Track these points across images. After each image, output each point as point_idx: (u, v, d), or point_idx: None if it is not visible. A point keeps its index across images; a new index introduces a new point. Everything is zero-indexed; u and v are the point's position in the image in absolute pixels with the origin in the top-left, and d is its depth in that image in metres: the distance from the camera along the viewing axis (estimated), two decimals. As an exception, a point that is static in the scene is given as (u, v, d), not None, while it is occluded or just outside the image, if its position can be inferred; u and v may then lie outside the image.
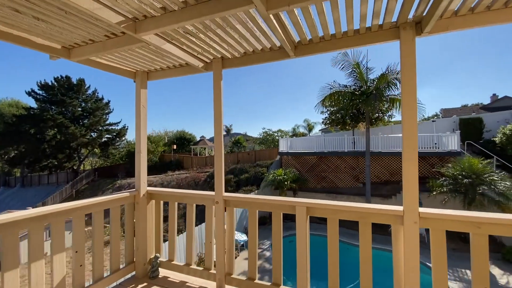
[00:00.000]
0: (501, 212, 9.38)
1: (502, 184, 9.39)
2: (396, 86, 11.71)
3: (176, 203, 2.65)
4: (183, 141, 33.39)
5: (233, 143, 29.83)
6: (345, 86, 13.26)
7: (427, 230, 11.31)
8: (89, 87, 32.24)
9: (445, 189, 10.46)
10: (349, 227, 12.79)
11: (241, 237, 10.23)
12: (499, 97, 28.27)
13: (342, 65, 12.60)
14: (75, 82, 31.27)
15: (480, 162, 10.11)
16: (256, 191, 14.08)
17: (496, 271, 8.22)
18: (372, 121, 15.38)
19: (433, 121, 16.40)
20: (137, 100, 2.67)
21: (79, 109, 31.17)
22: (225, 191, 2.42)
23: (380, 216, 1.93)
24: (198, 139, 32.52)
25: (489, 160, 10.45)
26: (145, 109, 2.70)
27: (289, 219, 14.18)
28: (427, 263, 9.08)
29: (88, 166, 36.02)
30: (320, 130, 34.33)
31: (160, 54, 2.27)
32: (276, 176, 13.50)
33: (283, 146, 16.85)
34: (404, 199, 1.82)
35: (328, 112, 18.19)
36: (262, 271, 8.91)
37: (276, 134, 27.16)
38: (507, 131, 12.54)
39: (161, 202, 2.73)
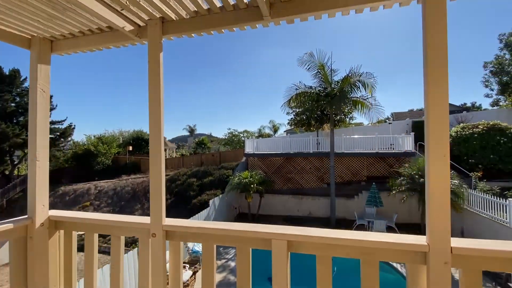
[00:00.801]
0: (454, 209, 10.05)
1: (452, 182, 10.07)
2: (359, 88, 11.95)
3: (96, 235, 1.79)
4: (140, 142, 30.79)
5: (197, 144, 28.44)
6: (311, 87, 13.21)
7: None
8: (25, 79, 27.81)
9: (403, 188, 10.91)
10: (307, 226, 12.64)
11: (203, 247, 9.33)
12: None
13: (308, 65, 12.49)
14: (7, 73, 26.69)
15: (433, 162, 10.74)
16: (221, 195, 13.24)
17: (449, 265, 8.67)
18: (335, 123, 15.68)
19: (389, 123, 17.42)
20: (32, 81, 1.76)
21: (13, 104, 26.68)
22: (187, 196, 1.65)
23: (393, 253, 1.35)
24: (158, 139, 30.32)
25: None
26: (45, 95, 1.80)
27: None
28: (390, 262, 9.32)
29: (25, 171, 31.09)
30: (285, 131, 34.75)
31: (63, 7, 1.44)
32: (242, 178, 12.84)
33: (249, 147, 16.28)
34: (430, 227, 1.27)
35: (294, 113, 18.18)
36: (227, 284, 8.13)
37: (242, 135, 26.55)
38: (453, 133, 13.73)
39: (74, 234, 1.84)
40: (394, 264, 8.79)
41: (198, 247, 9.14)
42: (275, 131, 34.05)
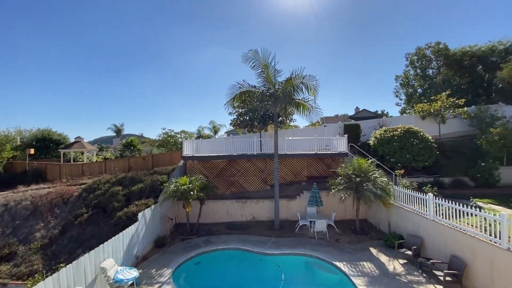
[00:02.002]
0: (383, 204, 10.97)
1: (381, 180, 11.00)
2: (302, 90, 12.02)
3: None
4: (48, 144, 24.93)
5: (125, 146, 24.69)
6: (255, 86, 12.68)
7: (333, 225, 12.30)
8: None
9: (341, 187, 11.40)
10: (252, 232, 12.20)
11: (128, 273, 7.48)
12: (360, 110, 35.89)
13: (253, 63, 11.92)
14: None
15: (366, 162, 11.59)
16: (154, 205, 11.34)
17: (383, 258, 9.29)
18: (279, 124, 15.63)
19: (324, 125, 18.57)
20: None
21: None
22: (110, 209, 0.57)
23: None
24: (72, 140, 24.97)
25: (372, 160, 12.15)
26: None
27: (207, 232, 12.13)
28: (333, 262, 9.47)
29: None
30: (226, 132, 33.83)
31: None
32: (179, 185, 11.29)
33: (188, 149, 14.71)
34: None
35: (237, 114, 17.45)
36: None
37: (179, 136, 24.31)
38: (378, 135, 15.35)
39: None
40: (337, 263, 8.92)
41: (121, 274, 7.32)
42: (216, 132, 32.78)
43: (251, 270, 9.45)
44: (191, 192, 11.08)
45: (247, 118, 17.30)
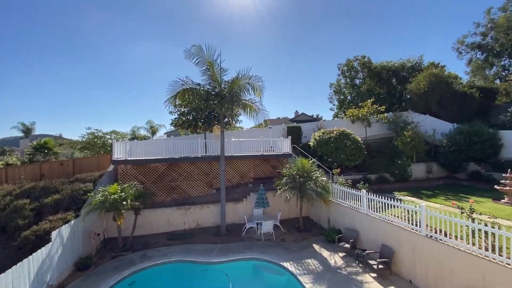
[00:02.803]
0: (323, 202, 11.63)
1: (321, 179, 11.68)
2: (248, 91, 11.84)
3: None
4: None
5: (35, 149, 20.21)
6: (199, 84, 11.92)
7: (278, 226, 12.37)
8: None
9: (287, 187, 11.65)
10: (197, 240, 11.36)
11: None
12: (299, 113, 38.33)
13: (197, 60, 11.16)
14: None
15: (308, 162, 12.15)
16: (74, 220, 9.36)
17: (325, 253, 9.80)
18: (225, 125, 15.13)
19: (269, 127, 18.96)
20: None
21: None
22: (14, 227, 0.45)
23: None
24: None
25: (313, 160, 12.81)
26: None
27: (141, 246, 10.53)
28: (280, 262, 9.50)
29: None
30: (165, 133, 31.41)
31: None
32: (108, 194, 9.64)
33: (120, 152, 12.84)
34: None
35: (179, 113, 16.20)
36: None
37: (108, 137, 21.26)
38: (317, 137, 16.41)
39: None
40: (285, 264, 8.97)
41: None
42: (154, 133, 30.08)
43: (196, 283, 8.69)
44: (124, 202, 9.59)
45: (191, 118, 16.25)
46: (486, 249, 5.80)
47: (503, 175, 11.40)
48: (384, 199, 8.86)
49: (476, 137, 15.75)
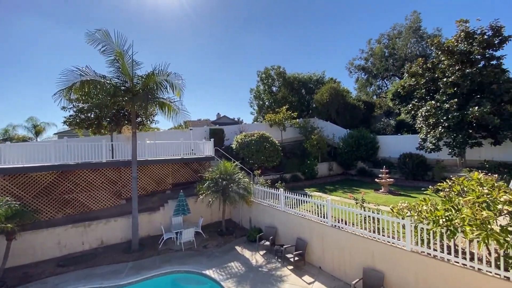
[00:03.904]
0: (246, 203, 11.86)
1: (244, 181, 11.91)
2: (166, 89, 10.89)
3: None
4: None
5: None
6: (104, 76, 10.15)
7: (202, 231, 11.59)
8: None
9: (209, 192, 11.29)
10: (100, 262, 9.34)
11: None
12: (221, 116, 38.58)
13: (103, 47, 9.45)
14: None
15: (231, 164, 12.18)
16: None
17: (247, 253, 9.96)
18: (138, 126, 13.42)
19: (190, 129, 18.07)
20: None
21: None
22: None
23: None
24: None
25: (236, 162, 12.91)
26: None
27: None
28: (202, 271, 9.03)
29: None
30: (56, 134, 25.56)
31: None
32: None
33: (-20, 159, 9.43)
34: None
35: (76, 109, 13.34)
36: None
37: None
38: (239, 140, 16.73)
39: None
40: (207, 271, 8.60)
41: None
42: (38, 133, 23.90)
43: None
44: (-14, 226, 7.05)
45: (92, 116, 13.66)
46: (374, 232, 7.14)
47: (380, 170, 14.53)
48: (298, 196, 9.76)
49: (362, 140, 19.58)
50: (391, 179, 13.91)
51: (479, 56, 13.91)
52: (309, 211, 9.42)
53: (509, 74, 14.28)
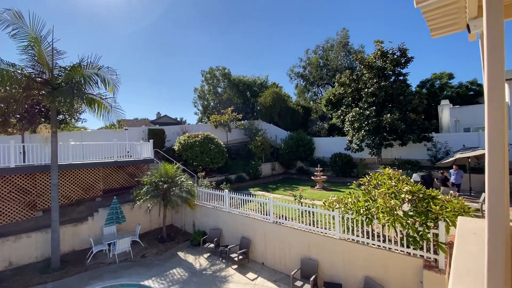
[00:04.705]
0: (189, 206, 11.48)
1: (187, 183, 11.53)
2: (97, 84, 9.74)
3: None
4: None
5: None
6: (14, 64, 8.49)
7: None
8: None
9: (148, 197, 10.55)
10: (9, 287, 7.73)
11: None
12: (162, 115, 36.38)
13: (13, 30, 7.86)
14: None
15: (173, 167, 11.64)
16: None
17: (190, 258, 9.67)
18: (59, 124, 11.57)
19: (126, 129, 16.45)
20: None
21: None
22: None
23: None
24: None
25: (178, 164, 12.38)
26: None
27: None
28: (140, 282, 8.35)
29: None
30: None
31: None
32: None
33: None
34: None
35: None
36: None
37: None
38: (182, 141, 16.07)
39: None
40: (146, 282, 8.03)
41: None
42: None
43: None
44: None
45: (-5, 111, 11.17)
46: (309, 224, 7.86)
47: (316, 169, 16.01)
48: (243, 196, 10.00)
49: (301, 142, 21.21)
50: (324, 177, 15.47)
51: (390, 72, 16.76)
52: (253, 210, 9.75)
53: (411, 88, 17.66)
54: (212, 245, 9.93)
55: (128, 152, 13.90)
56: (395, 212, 6.04)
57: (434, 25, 1.69)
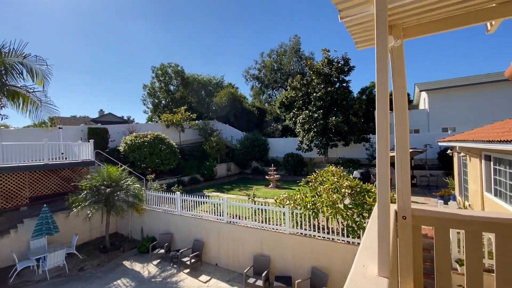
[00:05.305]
0: (136, 211, 10.68)
1: (134, 187, 10.74)
2: (22, 75, 8.41)
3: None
4: None
5: None
6: None
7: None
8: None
9: (87, 203, 9.52)
10: None
11: None
12: (105, 113, 33.15)
13: None
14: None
15: (117, 169, 10.71)
16: None
17: (138, 266, 9.04)
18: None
19: (60, 127, 14.44)
20: None
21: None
22: None
23: None
24: None
25: (124, 167, 11.44)
26: None
27: None
28: None
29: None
30: None
31: None
32: None
33: None
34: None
35: None
36: None
37: None
38: (128, 141, 14.87)
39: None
40: None
41: None
42: None
43: None
44: None
45: None
46: (262, 222, 8.10)
47: (270, 168, 16.54)
48: (196, 197, 9.76)
49: (256, 142, 21.66)
50: (277, 176, 16.09)
51: (336, 79, 18.33)
52: (207, 211, 9.60)
53: (353, 94, 19.61)
54: (162, 251, 9.44)
55: (62, 153, 12.25)
56: (337, 205, 6.66)
57: (357, 39, 1.95)
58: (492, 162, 6.43)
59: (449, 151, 11.64)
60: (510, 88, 16.95)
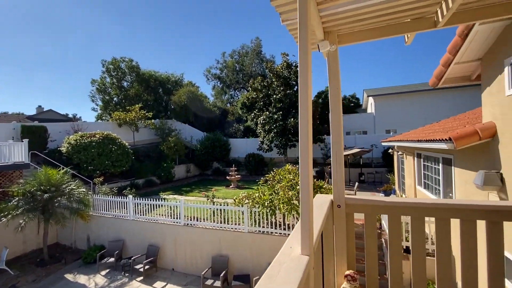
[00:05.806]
0: (81, 218, 9.67)
1: (78, 192, 9.71)
2: None
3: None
4: None
5: None
6: None
7: None
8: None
9: (20, 211, 8.32)
10: None
11: None
12: (45, 110, 29.40)
13: None
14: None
15: (58, 172, 9.58)
16: None
17: (83, 279, 8.19)
18: None
19: (-16, 125, 12.33)
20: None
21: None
22: None
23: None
24: None
25: (66, 169, 10.27)
26: None
27: None
28: None
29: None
30: None
31: None
32: None
33: None
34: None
35: None
36: None
37: None
38: (72, 141, 13.38)
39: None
40: None
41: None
42: None
43: None
44: None
45: None
46: (221, 222, 8.04)
47: (230, 169, 16.50)
48: (151, 201, 9.24)
49: (217, 142, 21.39)
50: (238, 176, 16.13)
51: (294, 82, 19.13)
52: (163, 214, 9.16)
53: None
54: (112, 259, 8.72)
55: (-13, 155, 10.50)
56: (293, 201, 6.96)
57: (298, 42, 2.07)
58: (422, 159, 7.42)
59: (390, 150, 13.05)
60: (439, 95, 19.70)
